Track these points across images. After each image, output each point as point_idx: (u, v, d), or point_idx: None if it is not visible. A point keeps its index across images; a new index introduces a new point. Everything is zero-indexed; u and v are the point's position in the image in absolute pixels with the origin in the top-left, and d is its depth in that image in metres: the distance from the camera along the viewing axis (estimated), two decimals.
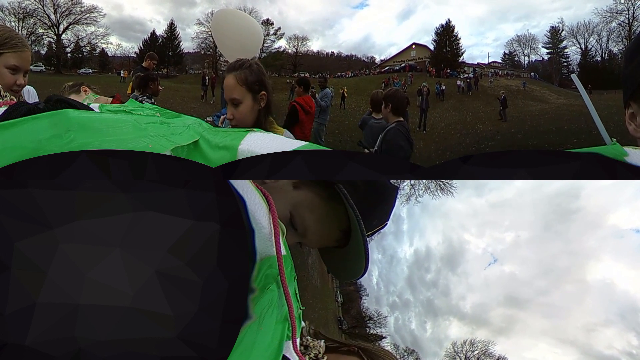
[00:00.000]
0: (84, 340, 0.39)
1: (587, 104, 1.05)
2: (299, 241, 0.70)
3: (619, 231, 1.18)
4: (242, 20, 3.76)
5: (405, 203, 1.29)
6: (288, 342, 0.59)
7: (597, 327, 1.20)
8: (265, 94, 1.78)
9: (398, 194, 0.75)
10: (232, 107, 1.76)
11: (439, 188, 1.28)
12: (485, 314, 1.39)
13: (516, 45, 15.24)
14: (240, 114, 1.75)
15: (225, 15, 3.90)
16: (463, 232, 1.43)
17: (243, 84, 1.73)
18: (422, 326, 1.53)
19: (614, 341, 1.17)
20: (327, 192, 0.68)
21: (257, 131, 0.62)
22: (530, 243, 1.34)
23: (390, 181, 0.73)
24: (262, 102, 1.78)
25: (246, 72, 1.75)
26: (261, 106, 1.78)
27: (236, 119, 1.76)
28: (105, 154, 0.42)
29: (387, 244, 1.50)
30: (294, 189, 0.69)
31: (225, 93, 1.79)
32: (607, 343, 1.18)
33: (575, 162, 0.43)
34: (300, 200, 0.68)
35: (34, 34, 13.65)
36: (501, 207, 1.35)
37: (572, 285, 1.27)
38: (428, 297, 1.53)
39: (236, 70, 1.76)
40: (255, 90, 1.75)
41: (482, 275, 1.41)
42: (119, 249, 0.40)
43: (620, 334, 1.17)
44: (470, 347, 1.45)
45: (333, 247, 0.73)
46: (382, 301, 1.70)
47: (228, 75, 1.78)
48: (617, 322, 1.18)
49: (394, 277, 1.59)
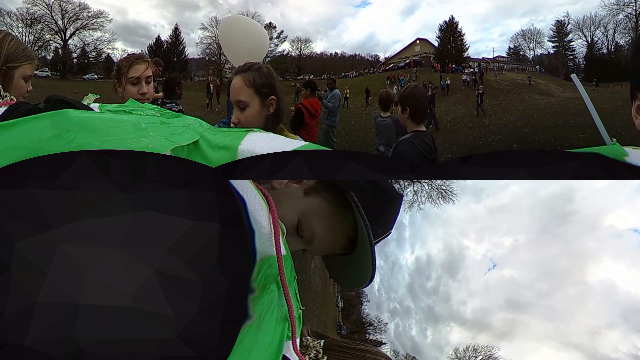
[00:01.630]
0: (84, 340, 0.39)
1: (588, 105, 1.05)
2: (303, 248, 0.69)
3: (617, 231, 1.18)
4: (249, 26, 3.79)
5: (407, 210, 1.29)
6: (288, 342, 0.59)
7: (601, 330, 1.20)
8: (275, 99, 1.69)
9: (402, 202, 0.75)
10: (238, 110, 1.68)
11: (440, 195, 1.28)
12: (487, 318, 1.39)
13: (521, 39, 15.19)
14: (246, 118, 1.66)
15: (233, 22, 3.94)
16: (462, 238, 1.43)
17: (251, 85, 1.65)
18: (422, 333, 1.53)
19: (619, 344, 1.17)
20: (337, 199, 0.67)
21: (257, 131, 0.62)
22: (528, 246, 1.34)
23: (396, 189, 0.73)
24: (271, 107, 1.69)
25: (255, 74, 1.67)
26: (270, 112, 1.68)
27: (242, 124, 1.66)
28: (105, 154, 0.42)
29: (389, 251, 1.50)
30: (304, 195, 0.68)
31: (231, 95, 1.72)
32: (613, 346, 1.18)
33: (575, 162, 0.43)
34: (310, 206, 0.67)
35: (40, 40, 13.67)
36: (499, 211, 1.35)
37: (573, 287, 1.27)
38: (429, 304, 1.53)
39: (244, 72, 1.68)
40: (263, 94, 1.67)
41: (482, 280, 1.41)
42: (119, 249, 0.40)
43: (625, 336, 1.16)
44: (474, 353, 1.45)
45: (336, 254, 0.73)
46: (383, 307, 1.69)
47: (235, 77, 1.70)
48: (621, 324, 1.18)
49: (395, 284, 1.59)
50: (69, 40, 14.02)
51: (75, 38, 14.14)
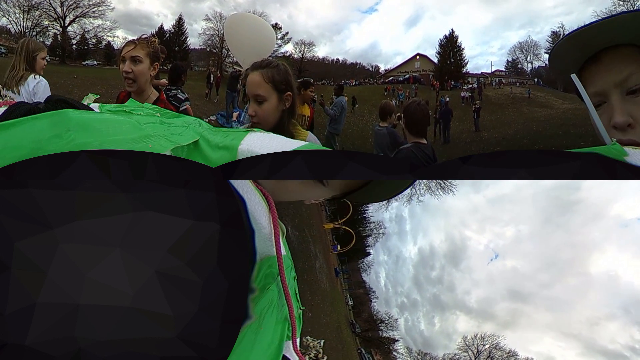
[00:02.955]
0: (84, 340, 0.39)
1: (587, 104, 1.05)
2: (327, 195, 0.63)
3: (623, 221, 1.18)
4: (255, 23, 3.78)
5: (407, 203, 1.29)
6: (288, 342, 0.59)
7: (600, 321, 1.21)
8: (291, 95, 1.80)
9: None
10: (255, 104, 1.77)
11: (439, 187, 1.28)
12: (491, 308, 1.40)
13: (519, 52, 15.16)
14: (264, 112, 1.76)
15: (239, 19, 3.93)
16: (464, 229, 1.44)
17: (269, 81, 1.75)
18: (430, 322, 1.54)
19: (617, 335, 1.18)
20: None
21: (257, 131, 0.62)
22: (530, 237, 1.34)
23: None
24: (287, 102, 1.79)
25: (273, 71, 1.76)
26: (285, 107, 1.80)
27: (258, 116, 1.76)
28: (105, 154, 0.42)
29: (392, 245, 1.50)
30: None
31: (248, 89, 1.81)
32: (611, 337, 1.18)
33: (575, 162, 0.43)
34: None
35: (38, 26, 13.56)
36: (500, 202, 1.36)
37: (575, 278, 1.27)
38: (434, 293, 1.54)
39: (263, 68, 1.77)
40: (281, 90, 1.77)
41: (485, 270, 1.42)
42: (119, 249, 0.40)
43: (624, 328, 1.17)
44: (482, 342, 1.46)
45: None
46: (392, 302, 1.71)
47: (253, 72, 1.78)
48: (621, 315, 1.19)
49: (400, 278, 1.60)
50: (68, 27, 13.90)
51: (74, 25, 14.02)
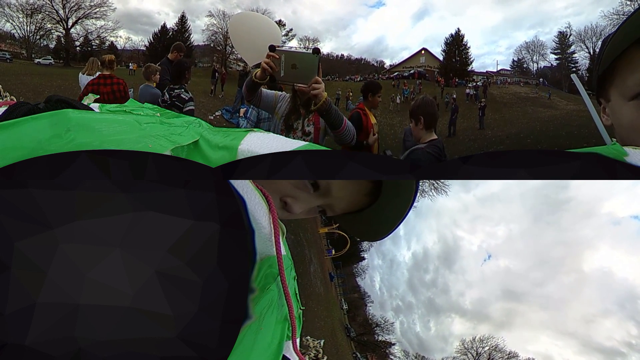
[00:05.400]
0: (84, 340, 0.39)
1: (587, 103, 1.05)
2: (320, 204, 0.64)
3: (615, 218, 1.19)
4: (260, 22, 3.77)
5: None
6: (288, 342, 0.59)
7: (596, 318, 1.21)
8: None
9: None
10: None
11: (432, 187, 1.28)
12: (485, 308, 1.40)
13: (525, 52, 15.13)
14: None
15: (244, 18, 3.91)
16: (456, 229, 1.44)
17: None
18: (425, 326, 1.54)
19: (613, 332, 1.18)
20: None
21: (257, 131, 0.62)
22: (522, 235, 1.34)
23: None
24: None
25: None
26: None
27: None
28: (105, 154, 0.42)
29: (386, 249, 1.50)
30: None
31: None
32: (607, 334, 1.18)
33: (575, 162, 0.43)
34: None
35: (42, 29, 13.59)
36: (489, 201, 1.36)
37: (569, 275, 1.28)
38: (429, 297, 1.54)
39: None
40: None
41: (478, 271, 1.42)
42: (119, 249, 0.40)
43: (620, 324, 1.17)
44: (480, 344, 1.46)
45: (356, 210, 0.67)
46: (387, 306, 1.71)
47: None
48: (616, 311, 1.19)
49: (395, 281, 1.60)
50: (71, 29, 13.91)
51: (77, 27, 14.04)
